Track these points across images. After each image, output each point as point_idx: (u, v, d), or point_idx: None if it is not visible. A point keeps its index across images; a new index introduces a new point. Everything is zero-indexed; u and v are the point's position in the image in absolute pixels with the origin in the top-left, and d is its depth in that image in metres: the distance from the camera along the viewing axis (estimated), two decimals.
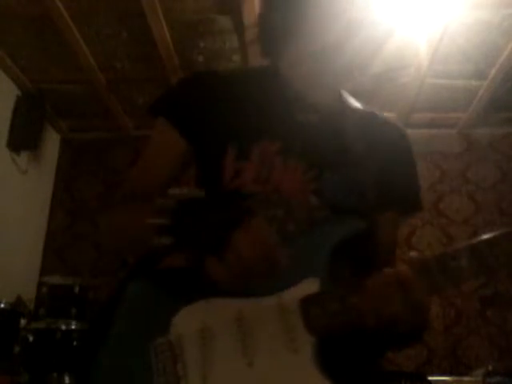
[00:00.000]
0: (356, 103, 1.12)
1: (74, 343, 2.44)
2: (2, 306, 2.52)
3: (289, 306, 0.80)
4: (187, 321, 0.83)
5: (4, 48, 3.09)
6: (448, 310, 3.37)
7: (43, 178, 3.76)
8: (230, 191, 0.91)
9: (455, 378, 2.17)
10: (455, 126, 3.74)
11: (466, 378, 2.10)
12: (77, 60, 3.12)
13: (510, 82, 3.18)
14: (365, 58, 1.00)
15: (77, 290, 2.69)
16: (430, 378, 1.55)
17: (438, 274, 0.78)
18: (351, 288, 0.80)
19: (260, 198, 0.90)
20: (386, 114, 4.06)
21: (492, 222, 3.57)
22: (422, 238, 3.57)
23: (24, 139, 3.32)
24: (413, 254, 0.81)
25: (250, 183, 0.91)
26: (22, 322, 2.53)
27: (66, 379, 2.36)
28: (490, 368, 1.86)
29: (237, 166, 0.92)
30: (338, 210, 0.92)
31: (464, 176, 3.71)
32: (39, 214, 3.69)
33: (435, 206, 3.65)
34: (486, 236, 0.78)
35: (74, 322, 2.51)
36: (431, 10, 2.65)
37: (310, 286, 0.82)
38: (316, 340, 0.78)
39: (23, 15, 2.82)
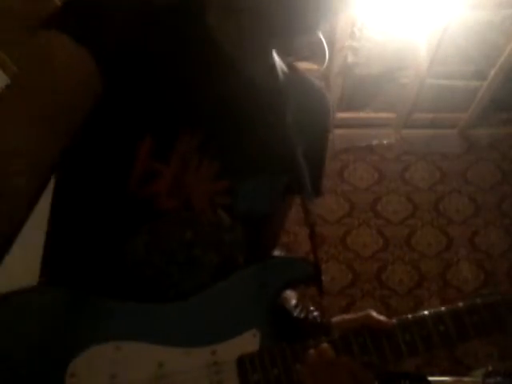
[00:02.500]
0: (286, 67, 0.89)
1: None
2: None
3: (224, 365, 0.68)
4: (89, 370, 0.62)
5: (4, 48, 3.09)
6: None
7: None
8: (136, 199, 0.69)
9: (455, 378, 2.17)
10: (455, 127, 3.74)
11: (465, 378, 2.10)
12: None
13: (511, 83, 3.18)
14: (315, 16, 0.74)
15: None
16: (430, 379, 1.54)
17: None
18: (293, 354, 0.71)
19: (169, 217, 0.72)
20: (386, 115, 4.00)
21: (492, 223, 3.57)
22: (421, 239, 3.56)
23: None
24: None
25: (164, 196, 0.70)
26: None
27: None
28: (490, 368, 1.86)
29: (151, 167, 0.68)
30: (249, 221, 0.80)
31: (464, 176, 3.71)
32: (39, 213, 3.69)
33: (435, 206, 3.64)
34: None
35: None
36: (431, 11, 2.65)
37: (249, 341, 0.71)
38: None
39: (23, 15, 2.82)
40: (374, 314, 0.75)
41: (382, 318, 0.75)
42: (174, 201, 0.71)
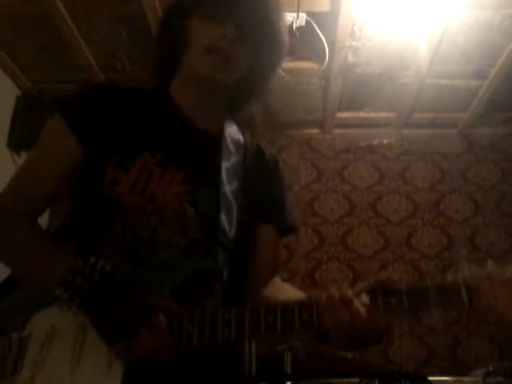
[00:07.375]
0: (237, 134, 1.17)
1: None
2: None
3: None
4: (41, 322, 0.90)
5: (4, 48, 3.09)
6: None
7: None
8: (106, 200, 0.96)
9: (455, 378, 2.16)
10: (455, 126, 3.74)
11: (465, 378, 2.10)
12: (77, 60, 3.11)
13: (511, 82, 3.18)
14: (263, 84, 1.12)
15: None
16: (429, 378, 1.55)
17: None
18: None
19: (134, 208, 0.95)
20: (386, 115, 3.99)
21: (492, 222, 3.57)
22: (422, 238, 3.57)
23: (24, 139, 3.31)
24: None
25: (125, 193, 0.96)
26: None
27: None
28: (490, 368, 1.85)
29: (116, 175, 0.96)
30: (208, 221, 1.00)
31: (464, 176, 3.71)
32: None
33: (435, 206, 3.65)
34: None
35: None
36: (431, 10, 2.65)
37: None
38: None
39: (23, 15, 2.82)
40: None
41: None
42: (136, 197, 0.95)
